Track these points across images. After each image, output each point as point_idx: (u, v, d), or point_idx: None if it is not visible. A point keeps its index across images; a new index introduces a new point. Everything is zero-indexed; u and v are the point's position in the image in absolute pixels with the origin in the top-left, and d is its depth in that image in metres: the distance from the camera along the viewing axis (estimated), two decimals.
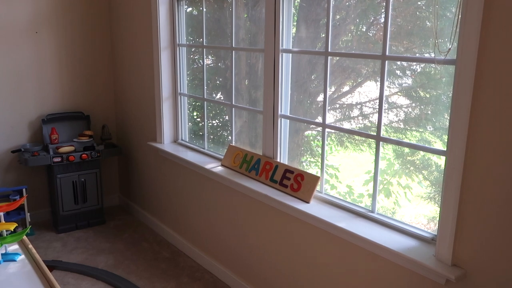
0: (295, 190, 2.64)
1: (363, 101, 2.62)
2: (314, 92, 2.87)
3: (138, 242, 3.88)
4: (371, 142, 2.58)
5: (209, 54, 3.61)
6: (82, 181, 4.03)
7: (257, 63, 3.15)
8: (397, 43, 2.27)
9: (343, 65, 2.67)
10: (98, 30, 4.27)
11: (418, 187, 2.46)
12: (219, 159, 3.30)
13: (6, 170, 4.04)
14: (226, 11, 3.27)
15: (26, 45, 3.94)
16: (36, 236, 3.95)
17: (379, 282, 2.22)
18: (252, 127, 3.27)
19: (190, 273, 3.40)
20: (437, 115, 2.19)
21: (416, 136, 2.32)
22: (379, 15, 2.43)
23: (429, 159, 2.35)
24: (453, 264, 1.92)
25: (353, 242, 2.29)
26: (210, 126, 3.70)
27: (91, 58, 4.28)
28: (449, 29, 1.87)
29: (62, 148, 3.89)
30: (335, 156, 2.90)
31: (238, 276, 3.15)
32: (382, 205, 2.55)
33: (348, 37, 2.63)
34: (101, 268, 3.44)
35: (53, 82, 4.12)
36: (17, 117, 4.01)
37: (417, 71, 2.32)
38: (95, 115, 4.37)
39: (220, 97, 3.57)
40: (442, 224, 1.94)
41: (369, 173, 2.66)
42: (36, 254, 1.98)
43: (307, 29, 2.76)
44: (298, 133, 2.98)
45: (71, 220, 4.05)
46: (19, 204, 2.08)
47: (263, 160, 2.89)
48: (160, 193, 3.96)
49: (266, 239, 2.86)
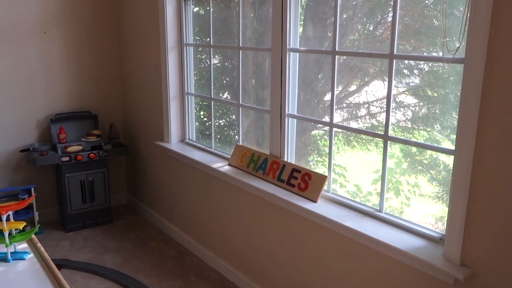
0: (302, 189, 2.63)
1: (370, 100, 2.61)
2: (321, 92, 2.86)
3: (145, 241, 3.89)
4: (379, 142, 2.57)
5: (216, 54, 3.62)
6: (90, 180, 4.05)
7: (264, 63, 3.15)
8: (405, 42, 2.26)
9: (350, 64, 2.66)
10: (106, 30, 4.29)
11: (426, 186, 2.45)
12: (226, 158, 3.31)
13: (15, 170, 4.07)
14: (233, 11, 3.27)
15: (34, 45, 3.97)
16: (45, 235, 3.97)
17: (387, 281, 2.22)
18: (259, 127, 3.27)
19: (197, 272, 3.41)
20: (445, 114, 2.17)
21: (424, 135, 2.30)
22: (386, 14, 2.42)
23: (437, 158, 2.34)
24: (461, 264, 1.91)
25: (361, 241, 2.28)
26: (217, 125, 3.70)
27: (99, 58, 4.30)
28: (458, 27, 1.86)
29: (70, 148, 3.91)
30: (342, 155, 2.89)
31: (245, 275, 3.15)
32: (390, 205, 2.54)
33: (355, 36, 2.62)
34: (109, 267, 3.45)
35: (61, 82, 4.15)
36: (26, 117, 4.04)
37: (425, 70, 2.31)
38: (103, 114, 4.38)
39: (227, 96, 3.57)
40: (451, 224, 1.93)
41: (377, 172, 2.65)
42: (45, 252, 1.99)
43: (314, 28, 2.76)
44: (305, 133, 2.98)
45: (79, 219, 4.07)
46: (28, 203, 2.10)
47: (270, 160, 2.89)
48: (167, 192, 3.97)
49: (273, 238, 2.86)
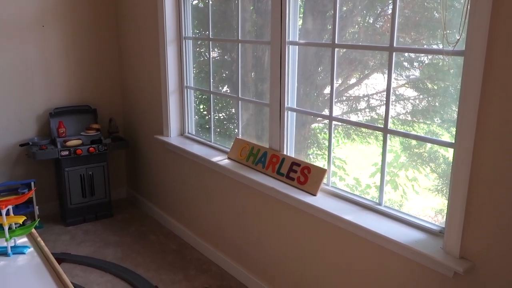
0: (302, 183, 2.63)
1: (370, 93, 2.60)
2: (321, 85, 2.86)
3: (146, 235, 3.90)
4: (378, 135, 2.56)
5: (215, 47, 3.60)
6: (90, 175, 4.05)
7: (264, 56, 3.14)
8: (405, 35, 2.25)
9: (350, 57, 2.65)
10: (105, 23, 4.27)
11: (425, 179, 2.45)
12: (226, 152, 3.30)
13: (15, 164, 4.07)
14: (232, 4, 3.25)
15: (33, 39, 3.95)
16: (45, 229, 3.98)
17: (386, 274, 2.22)
18: (259, 120, 3.27)
19: (197, 265, 3.42)
20: (445, 107, 2.17)
21: (424, 128, 2.30)
22: (386, 6, 2.41)
23: (436, 151, 2.34)
24: (461, 256, 1.91)
25: (360, 234, 2.28)
26: (216, 119, 3.70)
27: (98, 52, 4.29)
28: (458, 19, 1.85)
29: (69, 142, 3.91)
30: (342, 148, 2.89)
31: (245, 268, 3.16)
32: (389, 198, 2.54)
33: (355, 29, 2.60)
34: (109, 261, 3.46)
35: (60, 76, 4.13)
36: (25, 111, 4.03)
37: (424, 62, 2.30)
38: (102, 108, 4.38)
39: (226, 90, 3.56)
40: (450, 217, 1.93)
41: (375, 165, 2.65)
42: (45, 246, 1.99)
43: (313, 21, 2.74)
44: (305, 126, 2.97)
45: (79, 213, 4.08)
46: (28, 198, 2.09)
47: (269, 153, 2.88)
48: (167, 186, 3.97)
49: (273, 231, 2.86)
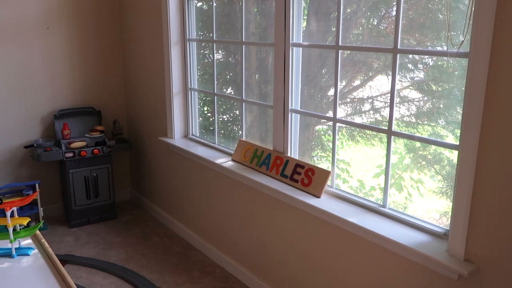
0: (306, 185, 2.63)
1: (374, 95, 2.60)
2: (325, 87, 2.85)
3: (149, 237, 3.90)
4: (382, 137, 2.56)
5: (219, 49, 3.61)
6: (94, 176, 4.06)
7: (267, 58, 3.14)
8: (409, 36, 2.25)
9: (354, 59, 2.64)
10: (109, 25, 4.29)
11: (430, 181, 2.44)
12: (230, 154, 3.30)
13: (19, 166, 4.08)
14: (236, 5, 3.26)
15: (38, 41, 3.97)
16: (49, 231, 3.99)
17: (390, 277, 2.21)
18: (263, 122, 3.26)
19: (201, 267, 3.42)
20: (449, 109, 2.16)
21: (428, 130, 2.29)
22: (390, 8, 2.40)
23: (441, 153, 2.33)
24: (465, 259, 1.90)
25: (365, 237, 2.27)
26: (220, 121, 3.70)
27: (102, 54, 4.30)
28: (462, 21, 1.85)
29: (74, 144, 3.92)
30: (346, 150, 2.88)
31: (249, 270, 3.15)
32: (394, 200, 2.53)
33: (359, 31, 2.60)
34: (113, 262, 3.47)
35: (64, 78, 4.15)
36: (29, 113, 4.04)
37: (429, 64, 2.29)
38: (106, 110, 4.39)
39: (230, 91, 3.56)
40: (455, 219, 1.92)
41: (380, 167, 2.64)
42: (49, 248, 2.00)
43: (317, 22, 2.74)
44: (309, 128, 2.97)
45: (83, 215, 4.09)
46: (32, 199, 2.10)
47: (273, 155, 2.88)
48: (170, 187, 3.97)
49: (277, 233, 2.86)
